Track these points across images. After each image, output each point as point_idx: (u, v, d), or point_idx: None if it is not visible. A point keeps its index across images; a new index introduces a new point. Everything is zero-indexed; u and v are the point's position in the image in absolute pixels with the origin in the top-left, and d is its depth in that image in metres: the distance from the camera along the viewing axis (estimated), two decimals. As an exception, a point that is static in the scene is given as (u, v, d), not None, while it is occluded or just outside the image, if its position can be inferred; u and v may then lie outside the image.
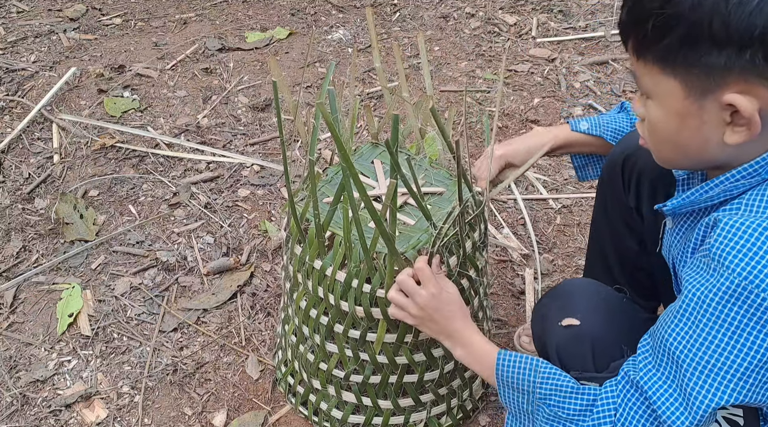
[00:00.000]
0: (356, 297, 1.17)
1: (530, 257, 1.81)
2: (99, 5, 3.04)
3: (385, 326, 1.19)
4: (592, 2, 2.92)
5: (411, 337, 1.20)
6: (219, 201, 2.01)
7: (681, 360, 0.79)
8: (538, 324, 1.11)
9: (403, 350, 1.22)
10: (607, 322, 1.04)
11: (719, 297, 0.76)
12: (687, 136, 0.82)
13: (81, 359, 1.60)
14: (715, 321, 0.76)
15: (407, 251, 1.12)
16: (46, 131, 2.28)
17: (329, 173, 1.32)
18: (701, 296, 0.78)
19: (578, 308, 1.04)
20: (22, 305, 1.73)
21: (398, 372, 1.26)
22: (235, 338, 1.63)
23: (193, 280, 1.77)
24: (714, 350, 0.77)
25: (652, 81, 0.81)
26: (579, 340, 1.02)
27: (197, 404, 1.50)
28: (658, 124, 0.84)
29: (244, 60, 2.64)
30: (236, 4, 3.05)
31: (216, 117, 2.35)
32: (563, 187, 2.02)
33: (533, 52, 2.62)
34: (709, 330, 0.77)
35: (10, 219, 1.96)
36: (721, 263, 0.76)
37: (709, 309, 0.77)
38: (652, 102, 0.84)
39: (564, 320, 1.03)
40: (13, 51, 2.70)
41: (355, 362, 1.26)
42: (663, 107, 0.82)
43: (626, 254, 1.31)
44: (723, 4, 0.72)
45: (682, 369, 0.79)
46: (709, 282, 0.77)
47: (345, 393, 1.32)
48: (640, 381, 0.84)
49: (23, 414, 1.49)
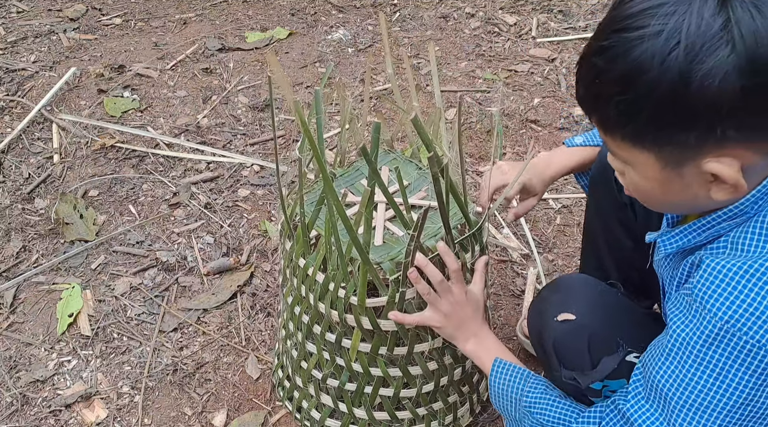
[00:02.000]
0: (332, 301, 1.15)
1: (530, 257, 1.81)
2: (99, 5, 3.04)
3: (360, 334, 1.16)
4: (592, 2, 2.92)
5: (385, 350, 1.17)
6: (219, 201, 2.01)
7: (669, 397, 0.81)
8: (535, 319, 1.11)
9: (378, 361, 1.19)
10: (603, 316, 1.04)
11: (702, 341, 0.77)
12: (673, 195, 0.80)
13: (81, 359, 1.60)
14: (700, 363, 0.78)
15: (384, 262, 1.10)
16: (46, 131, 2.28)
17: (338, 173, 1.31)
18: (686, 337, 0.79)
19: (574, 303, 1.05)
20: (22, 305, 1.73)
21: (373, 383, 1.23)
22: (235, 337, 1.63)
23: (193, 280, 1.77)
24: (700, 390, 0.78)
25: (625, 154, 0.79)
26: (575, 334, 1.03)
27: (197, 404, 1.50)
28: (641, 188, 0.83)
29: (244, 60, 2.64)
30: (236, 4, 3.05)
31: (216, 117, 2.35)
32: (563, 188, 2.02)
33: (533, 52, 2.62)
34: (694, 371, 0.78)
35: (10, 219, 1.96)
36: (704, 305, 0.76)
37: (693, 351, 0.78)
38: (629, 168, 0.81)
39: (560, 314, 1.03)
40: (13, 51, 2.70)
41: (331, 365, 1.24)
42: (641, 175, 0.80)
43: (621, 253, 1.31)
44: (681, 88, 0.68)
45: (670, 406, 0.81)
46: (693, 324, 0.78)
47: (323, 395, 1.30)
48: (629, 410, 0.86)
49: (23, 414, 1.49)
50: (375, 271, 1.08)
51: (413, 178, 1.29)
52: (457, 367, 1.25)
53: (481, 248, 1.19)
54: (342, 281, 1.12)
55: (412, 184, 1.28)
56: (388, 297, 1.11)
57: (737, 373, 0.75)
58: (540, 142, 2.19)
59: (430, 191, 1.26)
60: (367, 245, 1.06)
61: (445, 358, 1.23)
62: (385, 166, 1.32)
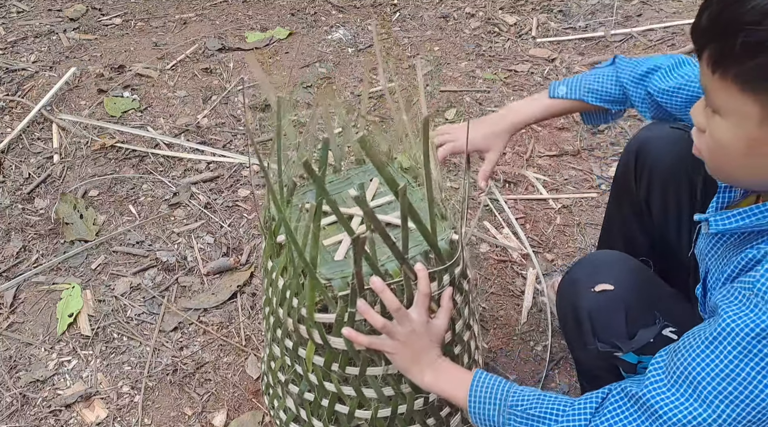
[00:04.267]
0: (289, 309, 1.12)
1: (530, 257, 1.81)
2: (99, 5, 3.04)
3: (314, 347, 1.12)
4: (592, 2, 2.92)
5: (337, 366, 1.12)
6: (219, 201, 2.01)
7: (702, 386, 0.77)
8: (568, 291, 1.08)
9: (332, 377, 1.14)
10: (639, 289, 1.02)
11: (755, 333, 0.74)
12: (753, 161, 0.76)
13: (81, 359, 1.60)
14: (746, 354, 0.75)
15: (335, 279, 1.03)
16: (46, 131, 2.28)
17: (331, 179, 1.28)
18: (736, 327, 0.76)
19: (611, 275, 1.03)
20: (22, 305, 1.73)
21: (329, 398, 1.17)
22: (235, 337, 1.63)
23: (193, 280, 1.77)
24: (740, 382, 0.75)
25: (727, 99, 0.74)
26: (613, 305, 1.00)
27: (197, 404, 1.50)
28: (723, 145, 0.78)
29: (244, 60, 2.64)
30: (236, 4, 3.05)
31: (216, 117, 2.35)
32: (563, 187, 2.02)
33: (533, 52, 2.62)
34: (737, 362, 0.75)
35: (10, 219, 1.96)
36: (765, 299, 0.73)
37: (742, 342, 0.75)
38: (720, 119, 0.77)
39: (597, 285, 1.01)
40: (13, 51, 2.70)
41: (291, 371, 1.20)
42: (732, 128, 0.75)
43: (637, 250, 1.29)
44: None
45: (702, 395, 0.77)
46: (748, 317, 0.75)
47: (288, 399, 1.27)
48: (645, 395, 0.82)
49: (23, 414, 1.49)
50: (322, 286, 1.02)
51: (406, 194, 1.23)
52: (418, 397, 1.15)
53: (452, 280, 1.08)
54: (296, 291, 1.08)
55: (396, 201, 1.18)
56: (336, 315, 1.04)
57: None
58: (540, 142, 2.19)
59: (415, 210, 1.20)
60: (314, 259, 1.01)
61: (403, 385, 1.13)
62: (375, 179, 1.26)
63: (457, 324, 1.14)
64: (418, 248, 1.05)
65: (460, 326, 1.15)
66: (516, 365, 1.55)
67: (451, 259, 1.04)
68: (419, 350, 0.99)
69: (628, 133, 2.18)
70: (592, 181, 2.03)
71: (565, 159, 2.12)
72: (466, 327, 1.19)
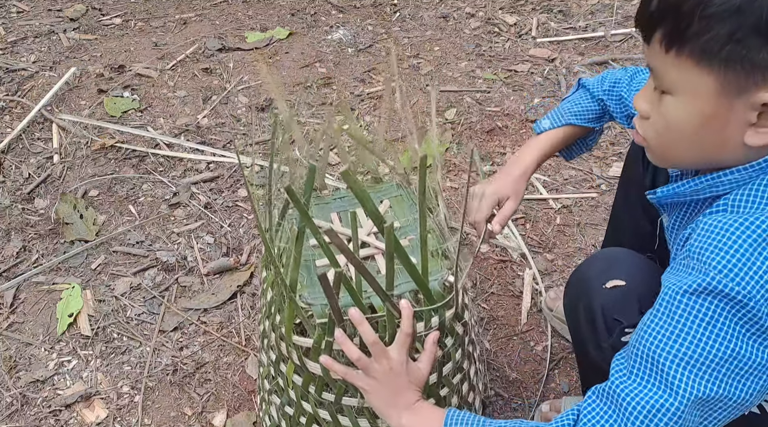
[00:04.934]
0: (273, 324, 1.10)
1: (528, 257, 1.81)
2: (99, 5, 3.04)
3: (293, 366, 1.10)
4: (592, 2, 2.92)
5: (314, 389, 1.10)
6: (219, 201, 2.01)
7: (658, 355, 0.78)
8: (578, 289, 1.09)
9: (309, 398, 1.11)
10: (650, 283, 1.02)
11: (693, 290, 0.75)
12: (707, 136, 0.78)
13: (81, 359, 1.60)
14: (690, 312, 0.76)
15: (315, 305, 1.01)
16: (46, 131, 2.28)
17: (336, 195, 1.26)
18: (677, 290, 0.77)
19: (622, 270, 1.04)
20: (22, 305, 1.73)
21: (306, 417, 1.15)
22: (235, 337, 1.63)
23: (193, 280, 1.77)
24: (690, 341, 0.76)
25: (681, 76, 0.76)
26: (626, 299, 1.01)
27: (197, 404, 1.50)
28: (675, 123, 0.80)
29: (244, 60, 2.64)
30: (236, 4, 3.05)
31: (216, 117, 2.35)
32: (563, 187, 2.02)
33: (533, 52, 2.62)
34: (684, 322, 0.76)
35: (10, 219, 1.96)
36: (700, 260, 0.76)
37: (683, 300, 0.76)
38: (672, 98, 0.79)
39: (609, 282, 1.02)
40: (13, 51, 2.70)
41: (274, 383, 1.20)
42: (686, 106, 0.78)
43: (642, 239, 1.30)
44: None
45: (659, 364, 0.78)
46: (687, 279, 0.77)
47: (271, 406, 1.26)
48: (611, 387, 0.81)
49: (23, 414, 1.49)
50: (300, 311, 1.00)
51: (407, 221, 1.18)
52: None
53: (441, 322, 1.02)
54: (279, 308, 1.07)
55: (404, 228, 1.17)
56: (313, 341, 1.02)
57: (731, 324, 0.74)
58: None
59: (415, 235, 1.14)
60: (293, 282, 0.99)
61: (379, 421, 1.10)
62: (386, 200, 1.24)
63: (445, 367, 1.10)
64: (409, 284, 1.01)
65: (449, 368, 1.10)
66: (516, 365, 1.55)
67: (443, 300, 1.00)
68: (396, 390, 0.95)
69: (628, 133, 2.18)
70: (592, 181, 2.03)
71: (565, 159, 2.13)
72: (458, 370, 1.14)
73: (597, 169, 2.08)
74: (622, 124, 1.27)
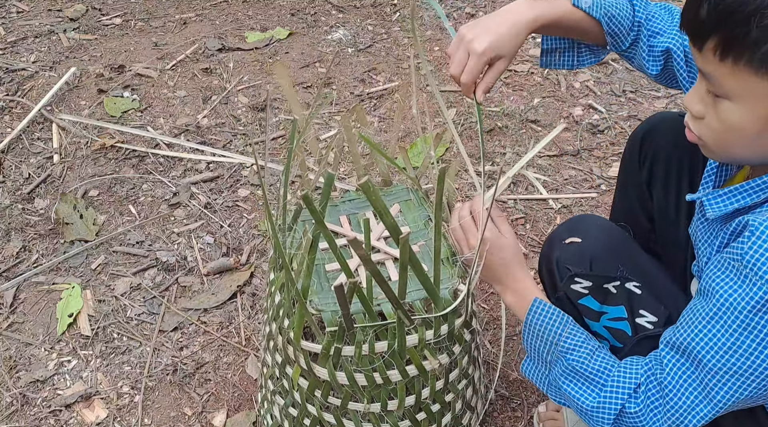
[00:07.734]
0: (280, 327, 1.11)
1: (528, 257, 1.81)
2: (99, 5, 3.04)
3: (299, 370, 1.11)
4: (592, 2, 2.92)
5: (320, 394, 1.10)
6: (219, 201, 2.01)
7: (706, 361, 0.80)
8: (547, 246, 1.17)
9: (314, 402, 1.13)
10: (606, 244, 1.10)
11: (751, 306, 0.76)
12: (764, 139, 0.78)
13: (81, 359, 1.60)
14: (745, 328, 0.77)
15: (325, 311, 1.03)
16: (46, 131, 2.28)
17: (345, 197, 1.27)
18: (734, 302, 0.77)
19: (582, 231, 1.12)
20: (22, 305, 1.73)
21: (310, 419, 1.16)
22: (235, 337, 1.63)
23: (193, 280, 1.77)
24: (741, 354, 0.77)
25: (739, 84, 0.75)
26: (579, 254, 1.09)
27: (197, 404, 1.50)
28: (736, 127, 0.79)
29: (244, 60, 2.64)
30: (236, 4, 3.05)
31: (216, 117, 2.35)
32: (563, 188, 2.02)
33: (533, 52, 2.62)
34: (738, 336, 0.77)
35: (10, 219, 1.96)
36: (755, 272, 0.75)
37: (740, 316, 0.77)
38: (731, 104, 0.78)
39: (568, 238, 1.11)
40: (13, 51, 2.70)
41: (279, 384, 1.20)
42: (746, 112, 0.77)
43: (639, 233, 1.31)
44: None
45: (706, 369, 0.81)
46: (741, 290, 0.77)
47: (274, 406, 1.26)
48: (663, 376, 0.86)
49: (23, 414, 1.49)
50: (310, 316, 1.02)
51: (419, 227, 1.21)
52: None
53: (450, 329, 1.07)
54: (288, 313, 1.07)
55: (415, 234, 1.19)
56: (322, 347, 1.03)
57: None
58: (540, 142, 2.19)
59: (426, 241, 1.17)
60: (305, 289, 1.00)
61: (384, 425, 1.12)
62: (396, 204, 1.25)
63: (452, 374, 1.14)
64: (420, 292, 1.05)
65: (456, 375, 1.14)
66: (516, 365, 1.55)
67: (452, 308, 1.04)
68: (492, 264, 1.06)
69: (628, 133, 2.18)
70: (592, 181, 2.04)
71: (565, 159, 2.13)
72: (464, 376, 1.18)
73: (597, 169, 2.08)
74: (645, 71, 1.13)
